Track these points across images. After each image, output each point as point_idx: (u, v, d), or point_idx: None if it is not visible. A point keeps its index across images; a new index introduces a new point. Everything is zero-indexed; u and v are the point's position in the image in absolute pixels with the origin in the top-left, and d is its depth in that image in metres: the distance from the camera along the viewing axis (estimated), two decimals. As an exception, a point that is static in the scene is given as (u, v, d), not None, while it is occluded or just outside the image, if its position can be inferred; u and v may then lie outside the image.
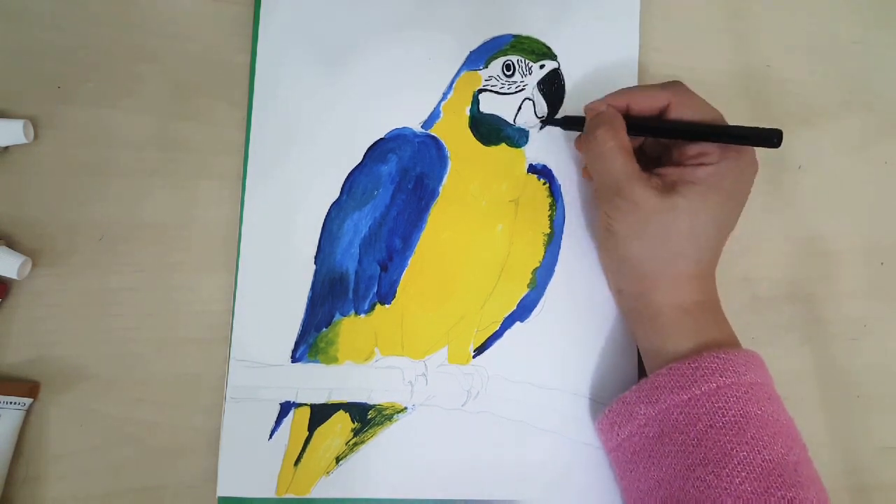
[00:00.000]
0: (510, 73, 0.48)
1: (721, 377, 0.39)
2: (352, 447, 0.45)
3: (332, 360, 0.46)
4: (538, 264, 0.47)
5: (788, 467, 0.37)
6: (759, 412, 0.39)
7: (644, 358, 0.44)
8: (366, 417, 0.45)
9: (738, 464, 0.37)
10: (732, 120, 0.49)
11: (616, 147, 0.41)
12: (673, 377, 0.40)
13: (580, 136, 0.44)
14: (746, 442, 0.38)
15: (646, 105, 0.43)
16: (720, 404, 0.38)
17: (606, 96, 0.44)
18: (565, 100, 0.48)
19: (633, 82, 0.48)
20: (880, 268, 0.50)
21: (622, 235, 0.42)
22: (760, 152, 0.49)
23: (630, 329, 0.45)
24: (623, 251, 0.42)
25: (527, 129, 0.48)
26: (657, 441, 0.40)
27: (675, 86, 0.43)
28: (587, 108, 0.44)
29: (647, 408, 0.40)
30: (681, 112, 0.42)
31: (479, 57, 0.48)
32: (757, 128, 0.40)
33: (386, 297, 0.46)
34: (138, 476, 0.44)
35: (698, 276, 0.42)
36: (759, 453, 0.37)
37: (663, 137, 0.44)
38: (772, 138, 0.38)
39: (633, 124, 0.42)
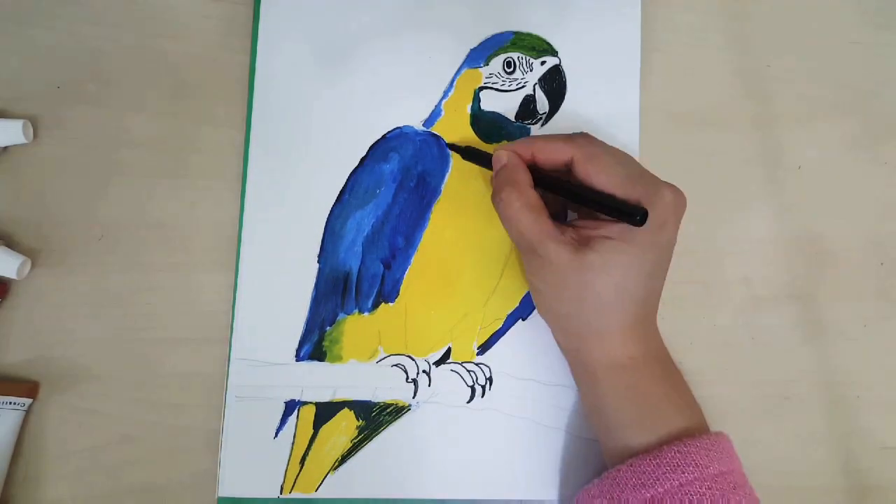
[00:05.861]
0: (511, 70, 0.48)
1: (683, 473, 0.38)
2: (357, 445, 0.45)
3: (337, 358, 0.46)
4: (541, 261, 0.47)
5: None
6: None
7: (599, 436, 0.43)
8: (370, 415, 0.45)
9: None
10: (733, 118, 0.50)
11: (522, 207, 0.40)
12: (635, 474, 0.38)
13: (492, 194, 0.42)
14: None
15: (549, 157, 0.41)
16: (684, 501, 0.37)
17: (512, 144, 0.43)
18: (566, 96, 0.48)
19: (635, 79, 0.48)
20: (880, 268, 0.50)
21: (542, 292, 0.41)
22: (760, 153, 0.50)
23: (579, 394, 0.44)
24: (546, 307, 0.42)
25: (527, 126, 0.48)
26: None
27: (580, 139, 0.41)
28: (494, 156, 0.43)
29: None
30: (584, 167, 0.40)
31: (480, 54, 0.48)
32: (625, 203, 0.38)
33: (389, 295, 0.46)
34: (138, 476, 0.44)
35: (628, 328, 0.40)
36: None
37: (556, 193, 0.42)
38: (635, 216, 0.37)
39: (537, 178, 0.41)
